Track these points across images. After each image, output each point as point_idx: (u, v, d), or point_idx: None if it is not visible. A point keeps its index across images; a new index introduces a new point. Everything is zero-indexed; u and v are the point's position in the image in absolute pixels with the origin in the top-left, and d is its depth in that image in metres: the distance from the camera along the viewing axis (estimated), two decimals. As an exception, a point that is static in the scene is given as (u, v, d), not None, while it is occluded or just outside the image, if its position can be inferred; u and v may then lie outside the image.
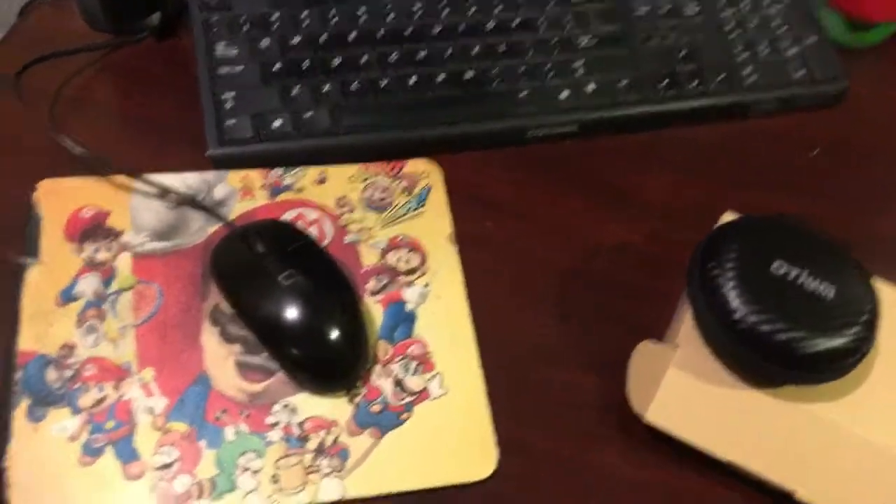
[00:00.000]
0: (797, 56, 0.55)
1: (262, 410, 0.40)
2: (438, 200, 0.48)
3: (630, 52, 0.54)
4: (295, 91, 0.49)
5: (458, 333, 0.44)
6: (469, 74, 0.51)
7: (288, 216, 0.47)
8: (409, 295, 0.45)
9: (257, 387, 0.41)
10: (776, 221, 0.42)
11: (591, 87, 0.52)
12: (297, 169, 0.48)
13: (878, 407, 0.40)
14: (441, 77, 0.51)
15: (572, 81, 0.52)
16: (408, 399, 0.41)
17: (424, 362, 0.43)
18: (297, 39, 0.51)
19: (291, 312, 0.40)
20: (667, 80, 0.53)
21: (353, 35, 0.52)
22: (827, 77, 0.55)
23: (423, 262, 0.46)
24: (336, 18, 0.52)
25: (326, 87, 0.50)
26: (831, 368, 0.39)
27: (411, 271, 0.46)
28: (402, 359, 0.43)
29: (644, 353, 0.41)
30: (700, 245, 0.41)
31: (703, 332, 0.40)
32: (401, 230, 0.47)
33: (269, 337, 0.41)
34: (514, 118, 0.51)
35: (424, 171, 0.49)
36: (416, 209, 0.48)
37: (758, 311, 0.38)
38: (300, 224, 0.46)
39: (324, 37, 0.51)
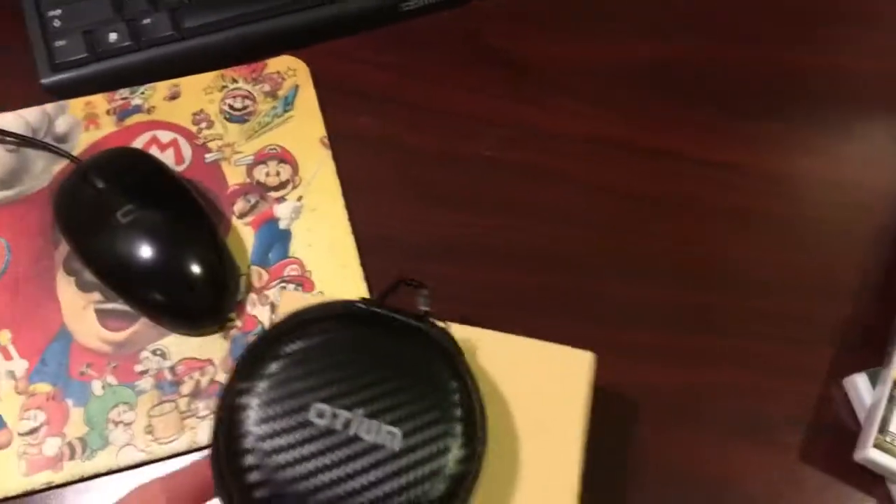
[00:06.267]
0: None
1: (130, 359, 0.37)
2: (308, 101, 0.43)
3: None
4: (128, -4, 0.44)
5: (338, 247, 0.40)
6: (327, -52, 0.45)
7: (139, 142, 0.42)
8: (282, 212, 0.41)
9: (122, 335, 0.38)
10: None
11: (467, -57, 0.45)
12: (145, 86, 0.43)
13: None
14: (294, -44, 0.45)
15: (446, -61, 0.45)
16: (287, 325, 0.38)
17: (303, 283, 0.39)
18: (122, -66, 0.45)
19: (137, 252, 0.36)
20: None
21: (187, -80, 0.45)
22: None
23: (295, 172, 0.41)
24: None
25: (164, -14, 0.44)
26: None
27: (282, 185, 0.41)
28: (279, 282, 0.39)
29: None
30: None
31: None
32: (268, 140, 0.42)
33: (119, 283, 0.37)
34: (384, -7, 0.45)
35: (289, 68, 0.44)
36: (283, 114, 0.43)
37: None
38: (154, 149, 0.42)
39: (153, -73, 0.45)
